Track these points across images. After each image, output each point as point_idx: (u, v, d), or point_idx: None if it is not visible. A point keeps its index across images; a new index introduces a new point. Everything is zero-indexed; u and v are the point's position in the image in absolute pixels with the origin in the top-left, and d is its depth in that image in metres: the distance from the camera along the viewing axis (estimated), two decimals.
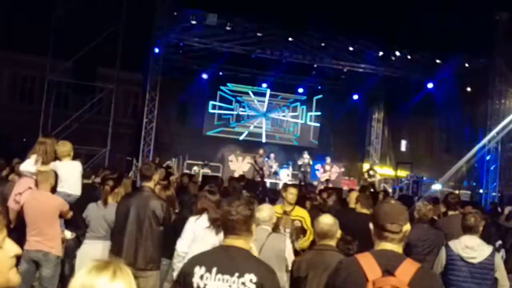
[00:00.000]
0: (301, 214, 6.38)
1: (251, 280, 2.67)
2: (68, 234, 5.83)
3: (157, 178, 5.43)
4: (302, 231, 6.21)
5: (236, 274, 2.69)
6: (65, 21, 16.49)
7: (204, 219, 4.89)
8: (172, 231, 5.16)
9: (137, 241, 4.95)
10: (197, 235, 4.81)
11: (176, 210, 6.30)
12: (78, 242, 6.01)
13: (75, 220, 5.87)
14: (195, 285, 2.73)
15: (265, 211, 4.83)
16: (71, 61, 17.01)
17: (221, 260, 2.76)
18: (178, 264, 4.79)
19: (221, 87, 23.00)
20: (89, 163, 15.57)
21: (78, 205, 6.00)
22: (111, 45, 17.18)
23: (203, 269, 2.74)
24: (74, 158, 6.49)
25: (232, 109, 23.46)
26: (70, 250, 6.03)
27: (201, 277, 2.73)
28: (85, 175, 7.18)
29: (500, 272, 4.75)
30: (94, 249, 5.63)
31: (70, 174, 6.10)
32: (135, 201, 5.11)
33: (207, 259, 2.81)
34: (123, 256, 4.63)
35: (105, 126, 17.73)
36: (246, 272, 2.69)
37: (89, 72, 17.62)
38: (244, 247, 2.82)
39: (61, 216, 5.55)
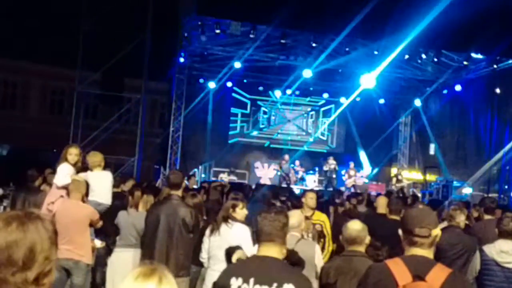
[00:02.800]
0: (321, 218, 6.45)
1: None
2: (98, 243, 5.91)
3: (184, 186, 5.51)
4: (321, 235, 6.25)
5: (275, 285, 2.67)
6: (92, 33, 16.81)
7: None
8: (200, 239, 5.24)
9: (168, 249, 5.04)
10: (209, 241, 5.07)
11: (204, 217, 6.35)
12: (108, 250, 6.09)
13: (105, 229, 5.96)
14: None
15: (294, 218, 4.82)
16: (99, 72, 17.30)
17: (258, 270, 2.75)
18: (203, 270, 5.14)
19: (246, 95, 23.06)
20: (118, 172, 15.78)
21: (107, 213, 6.09)
22: (138, 56, 17.43)
23: (240, 280, 2.73)
24: (104, 167, 6.60)
25: (257, 116, 23.49)
26: (101, 258, 6.12)
27: None
28: (114, 184, 7.28)
29: None
30: (125, 257, 5.70)
31: (101, 184, 6.21)
32: (165, 209, 5.17)
33: (243, 270, 2.81)
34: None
35: (133, 136, 17.95)
36: (285, 282, 2.67)
37: (117, 83, 17.90)
38: (278, 257, 2.83)
39: (91, 225, 5.64)
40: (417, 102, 22.54)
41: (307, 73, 18.98)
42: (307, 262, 4.53)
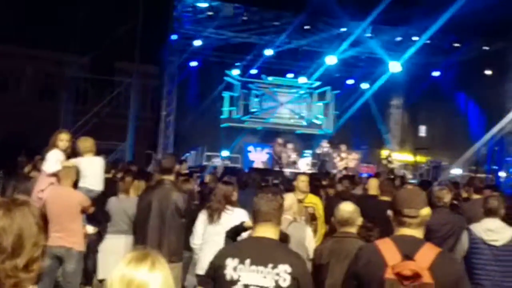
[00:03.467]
0: (313, 201, 6.47)
1: (285, 271, 2.69)
2: (90, 229, 5.89)
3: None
4: (313, 217, 6.29)
5: (270, 265, 2.70)
6: (83, 16, 16.62)
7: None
8: (191, 224, 5.26)
9: (161, 233, 5.03)
10: (207, 226, 5.09)
11: (196, 202, 6.38)
12: (100, 237, 6.08)
13: (96, 215, 5.93)
14: (228, 277, 2.74)
15: (286, 201, 4.85)
16: (89, 56, 17.14)
17: (254, 251, 2.77)
18: (195, 256, 5.05)
19: (239, 78, 22.93)
20: (109, 157, 15.74)
21: (99, 199, 6.07)
22: (129, 39, 17.26)
23: (236, 260, 2.74)
24: (96, 153, 6.56)
25: (249, 100, 23.41)
26: (93, 245, 6.10)
27: (234, 268, 2.73)
28: (105, 170, 7.26)
29: None
30: (116, 243, 5.70)
31: (92, 170, 6.15)
32: (157, 194, 5.15)
33: (239, 250, 2.82)
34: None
35: (124, 120, 17.86)
36: (280, 262, 2.70)
37: (107, 66, 17.78)
38: (274, 238, 2.86)
39: (83, 211, 5.61)
40: (409, 84, 22.58)
41: (332, 60, 18.76)
42: (299, 244, 4.57)
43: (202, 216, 5.18)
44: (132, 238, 5.47)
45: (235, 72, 22.26)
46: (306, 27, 17.93)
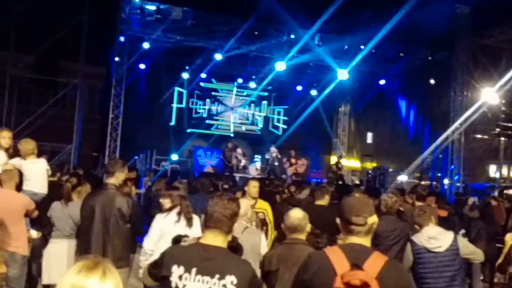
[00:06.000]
0: (264, 206, 6.52)
1: (231, 282, 2.63)
2: (34, 234, 5.72)
3: (120, 177, 5.24)
4: (263, 223, 6.34)
5: (217, 276, 2.64)
6: (27, 13, 16.08)
7: (172, 216, 4.96)
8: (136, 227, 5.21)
9: (105, 239, 4.93)
10: (165, 232, 4.85)
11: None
12: (45, 241, 5.90)
13: (41, 219, 5.76)
14: (173, 284, 2.68)
15: (241, 206, 4.84)
16: (33, 55, 16.58)
17: (201, 260, 2.69)
18: (144, 262, 4.93)
19: (187, 81, 22.73)
20: (54, 160, 15.28)
21: (43, 203, 5.89)
22: (75, 39, 16.82)
23: (182, 268, 2.67)
24: (39, 155, 6.37)
25: (201, 103, 23.29)
26: (37, 250, 5.92)
27: (180, 277, 2.67)
28: (50, 173, 7.06)
29: (468, 249, 4.88)
30: (60, 248, 5.55)
31: (36, 173, 6.00)
32: (100, 199, 5.03)
33: (186, 258, 2.73)
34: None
35: (70, 122, 17.40)
36: (227, 273, 2.64)
37: (52, 66, 17.24)
38: (223, 246, 2.78)
39: (27, 215, 5.44)
40: (357, 92, 23.08)
41: (281, 66, 18.82)
42: (253, 251, 4.55)
43: (160, 221, 4.97)
44: (76, 243, 5.33)
45: (185, 75, 22.10)
46: (255, 32, 18.02)
